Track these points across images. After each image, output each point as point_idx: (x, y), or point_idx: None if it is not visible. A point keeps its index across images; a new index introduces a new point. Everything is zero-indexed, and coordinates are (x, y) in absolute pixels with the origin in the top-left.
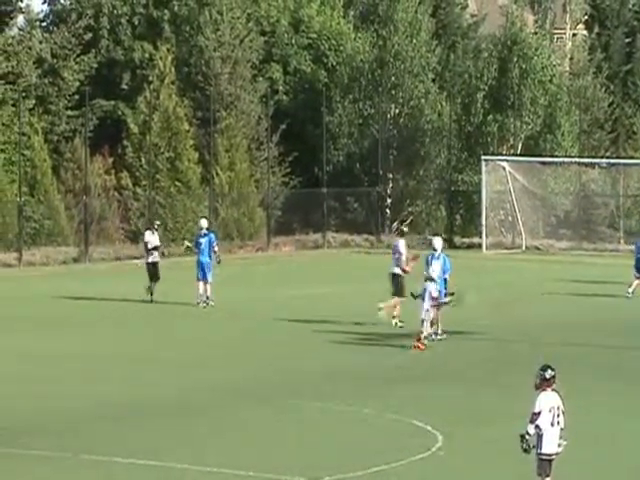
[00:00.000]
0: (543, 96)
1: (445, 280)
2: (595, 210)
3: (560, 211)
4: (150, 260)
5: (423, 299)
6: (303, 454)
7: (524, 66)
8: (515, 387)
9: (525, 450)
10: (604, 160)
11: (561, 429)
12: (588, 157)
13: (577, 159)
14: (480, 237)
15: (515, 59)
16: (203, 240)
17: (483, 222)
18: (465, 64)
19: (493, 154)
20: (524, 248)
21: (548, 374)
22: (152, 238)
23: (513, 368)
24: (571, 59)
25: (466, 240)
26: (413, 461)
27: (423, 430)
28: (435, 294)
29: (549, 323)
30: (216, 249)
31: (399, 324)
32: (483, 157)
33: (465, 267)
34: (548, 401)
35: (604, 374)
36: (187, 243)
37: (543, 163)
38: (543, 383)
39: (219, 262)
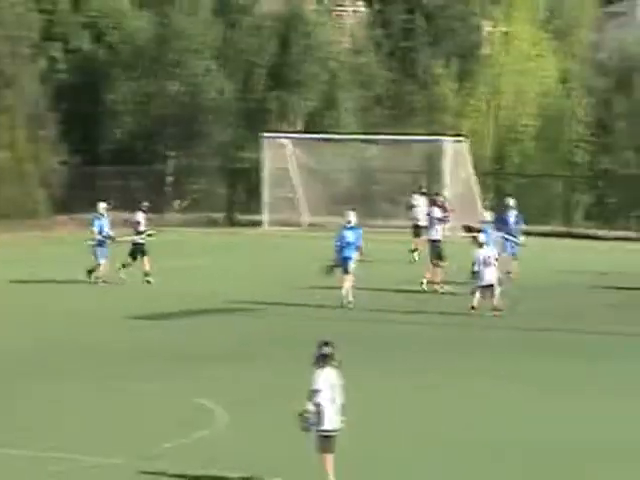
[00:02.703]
0: (323, 73)
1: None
2: (375, 186)
3: (341, 188)
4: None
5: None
6: (88, 434)
7: (304, 43)
8: (302, 364)
9: (305, 428)
10: (384, 137)
11: (341, 405)
12: (368, 134)
13: (357, 136)
14: (262, 214)
15: (295, 36)
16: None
17: (265, 199)
18: (246, 41)
19: (274, 131)
20: (306, 225)
21: (326, 351)
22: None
23: (302, 345)
24: (352, 36)
25: (247, 217)
26: (198, 439)
27: (210, 409)
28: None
29: (333, 300)
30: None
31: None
32: (264, 134)
33: (246, 244)
34: (327, 378)
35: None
36: None
37: (324, 140)
38: (321, 360)
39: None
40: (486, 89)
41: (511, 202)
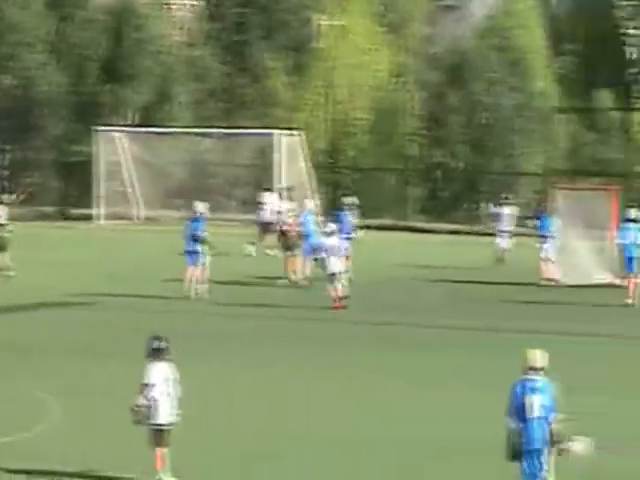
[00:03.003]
0: (157, 66)
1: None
2: (210, 180)
3: (176, 181)
4: None
5: None
6: None
7: (137, 36)
8: (142, 357)
9: (137, 422)
10: (218, 130)
11: (177, 399)
12: (203, 127)
13: (192, 129)
14: (96, 208)
15: (128, 29)
16: None
17: (99, 193)
18: (79, 35)
19: (108, 125)
20: (141, 219)
21: (157, 345)
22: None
23: (142, 338)
24: (186, 29)
25: (82, 211)
26: (36, 434)
27: (48, 402)
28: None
29: (174, 292)
30: None
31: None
32: (97, 128)
33: (80, 238)
34: (161, 371)
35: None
36: None
37: (158, 133)
38: (153, 353)
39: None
40: (320, 83)
41: (349, 200)
